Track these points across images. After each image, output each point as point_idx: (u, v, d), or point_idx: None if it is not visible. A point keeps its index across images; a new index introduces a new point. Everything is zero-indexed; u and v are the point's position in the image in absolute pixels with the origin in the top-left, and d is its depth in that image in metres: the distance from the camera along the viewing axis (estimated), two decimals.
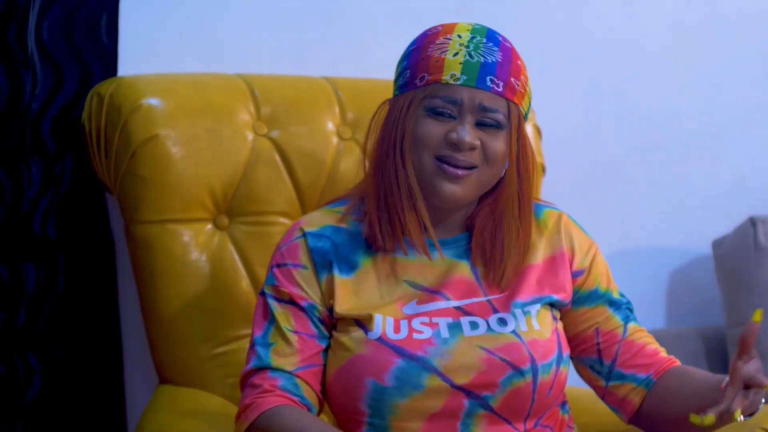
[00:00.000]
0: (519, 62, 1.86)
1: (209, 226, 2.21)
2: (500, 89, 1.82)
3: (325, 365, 1.86)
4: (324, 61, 2.48)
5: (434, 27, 1.89)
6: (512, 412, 1.83)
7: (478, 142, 1.81)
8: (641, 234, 2.86)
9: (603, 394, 1.95)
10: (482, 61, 1.81)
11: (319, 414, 1.87)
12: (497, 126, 1.82)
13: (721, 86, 2.90)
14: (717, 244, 2.77)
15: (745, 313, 2.71)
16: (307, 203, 2.25)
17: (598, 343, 1.92)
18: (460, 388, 1.81)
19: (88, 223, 2.29)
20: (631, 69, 2.81)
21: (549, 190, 2.53)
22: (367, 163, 1.92)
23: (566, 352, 1.90)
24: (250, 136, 2.24)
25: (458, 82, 1.81)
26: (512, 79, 1.83)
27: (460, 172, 1.82)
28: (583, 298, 1.93)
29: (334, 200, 1.97)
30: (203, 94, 2.23)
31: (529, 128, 2.43)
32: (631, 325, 1.93)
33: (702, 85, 2.88)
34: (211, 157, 2.19)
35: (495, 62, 1.82)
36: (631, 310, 1.95)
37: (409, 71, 1.85)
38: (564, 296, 1.91)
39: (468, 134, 1.80)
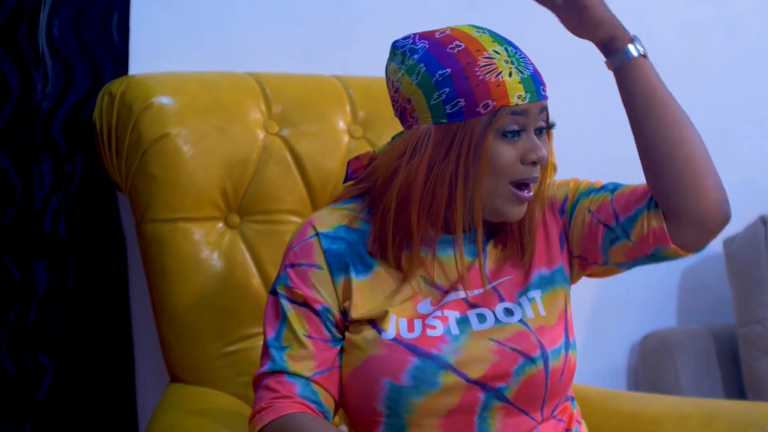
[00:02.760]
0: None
1: (220, 224, 2.21)
2: (546, 91, 1.85)
3: (340, 366, 1.86)
4: (335, 59, 2.48)
5: (450, 43, 1.82)
6: (527, 402, 1.84)
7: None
8: None
9: (640, 253, 1.88)
10: (529, 72, 1.82)
11: (334, 416, 1.86)
12: (551, 126, 1.86)
13: (731, 85, 2.89)
14: (728, 243, 2.77)
15: (756, 311, 2.71)
16: (317, 202, 2.25)
17: (598, 220, 1.89)
18: (475, 382, 1.81)
19: (98, 222, 2.29)
20: None
21: None
22: (379, 173, 1.86)
23: (573, 338, 1.90)
24: (260, 134, 2.23)
25: (527, 101, 1.81)
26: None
27: (531, 194, 1.85)
28: (572, 208, 1.92)
29: (338, 198, 1.94)
30: (214, 93, 2.23)
31: None
32: (613, 188, 1.92)
33: (712, 84, 2.88)
34: (222, 155, 2.19)
35: (534, 68, 1.83)
36: (611, 183, 1.94)
37: (463, 99, 1.79)
38: (560, 267, 1.91)
39: (545, 148, 1.83)
